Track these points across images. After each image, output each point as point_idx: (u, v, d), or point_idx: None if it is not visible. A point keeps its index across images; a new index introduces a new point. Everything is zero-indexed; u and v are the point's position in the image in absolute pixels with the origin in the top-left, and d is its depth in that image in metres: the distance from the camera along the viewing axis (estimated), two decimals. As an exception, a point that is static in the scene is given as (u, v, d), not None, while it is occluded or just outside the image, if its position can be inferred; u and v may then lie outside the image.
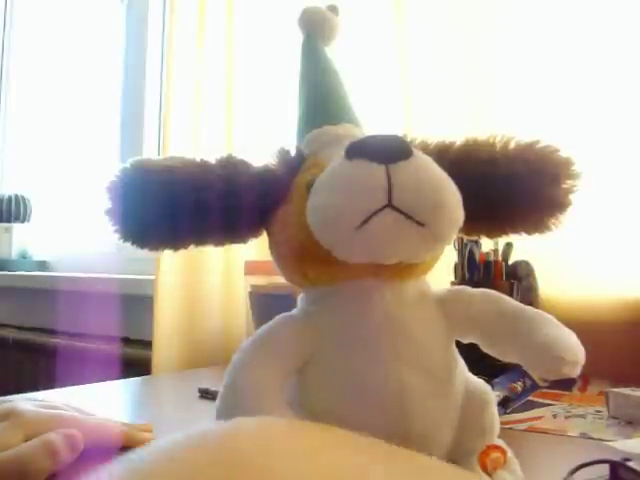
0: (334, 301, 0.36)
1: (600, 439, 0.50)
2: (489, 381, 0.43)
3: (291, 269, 0.38)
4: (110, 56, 1.63)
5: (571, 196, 0.38)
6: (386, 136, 0.34)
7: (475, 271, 0.78)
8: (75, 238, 1.65)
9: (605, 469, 0.38)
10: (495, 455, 0.37)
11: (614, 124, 0.78)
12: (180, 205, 0.36)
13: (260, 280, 0.84)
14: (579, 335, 0.34)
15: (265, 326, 0.37)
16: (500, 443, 0.38)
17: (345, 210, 0.32)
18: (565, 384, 0.70)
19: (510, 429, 0.55)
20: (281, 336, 0.36)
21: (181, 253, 0.41)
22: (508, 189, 0.38)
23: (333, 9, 0.45)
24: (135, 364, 1.12)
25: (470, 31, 0.89)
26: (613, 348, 0.70)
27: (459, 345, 0.38)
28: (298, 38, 0.45)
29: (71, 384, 0.78)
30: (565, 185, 0.38)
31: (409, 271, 0.36)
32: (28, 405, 0.46)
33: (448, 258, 0.79)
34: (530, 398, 0.66)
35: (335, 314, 0.36)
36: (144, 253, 0.40)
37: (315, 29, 0.44)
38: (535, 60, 0.84)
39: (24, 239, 1.72)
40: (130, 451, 0.21)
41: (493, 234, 0.42)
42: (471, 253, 0.78)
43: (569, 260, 0.79)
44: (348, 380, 0.34)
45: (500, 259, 0.78)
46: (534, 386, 0.68)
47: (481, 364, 0.42)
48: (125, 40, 1.56)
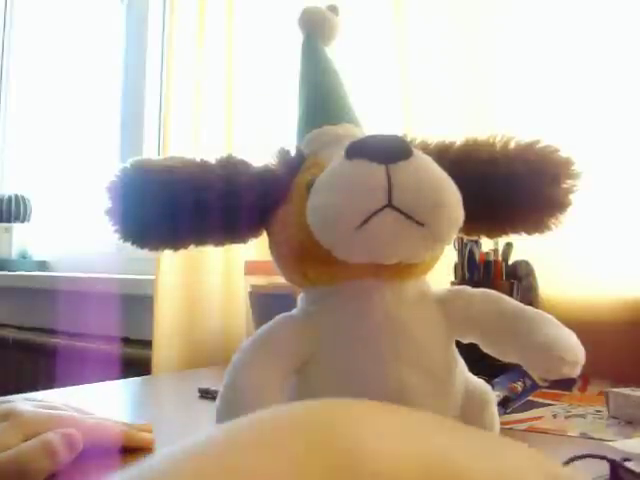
0: (334, 301, 0.36)
1: (600, 439, 0.50)
2: (489, 381, 0.43)
3: (291, 269, 0.38)
4: (110, 56, 1.63)
5: (571, 196, 0.38)
6: (386, 136, 0.34)
7: (475, 271, 0.78)
8: (75, 238, 1.65)
9: (605, 469, 0.38)
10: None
11: (614, 124, 0.78)
12: (180, 205, 0.36)
13: (260, 280, 0.84)
14: (579, 335, 0.34)
15: (265, 326, 0.37)
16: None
17: (345, 210, 0.32)
18: (565, 384, 0.70)
19: (510, 429, 0.55)
20: (281, 336, 0.36)
21: (181, 253, 0.41)
22: (508, 189, 0.38)
23: (333, 9, 0.45)
24: (135, 364, 1.12)
25: (470, 31, 0.89)
26: (613, 348, 0.70)
27: (459, 345, 0.38)
28: (298, 38, 0.45)
29: (71, 384, 0.78)
30: (565, 185, 0.38)
31: (409, 271, 0.36)
32: (27, 405, 0.46)
33: (448, 258, 0.79)
34: (530, 398, 0.66)
35: (335, 314, 0.36)
36: (144, 253, 0.40)
37: (315, 29, 0.44)
38: (535, 60, 0.84)
39: (24, 239, 1.72)
40: (150, 452, 0.19)
41: (493, 234, 0.42)
42: (471, 253, 0.78)
43: (569, 260, 0.79)
44: (348, 380, 0.34)
45: (500, 259, 0.78)
46: (534, 386, 0.68)
47: (481, 364, 0.42)
48: (125, 40, 1.56)
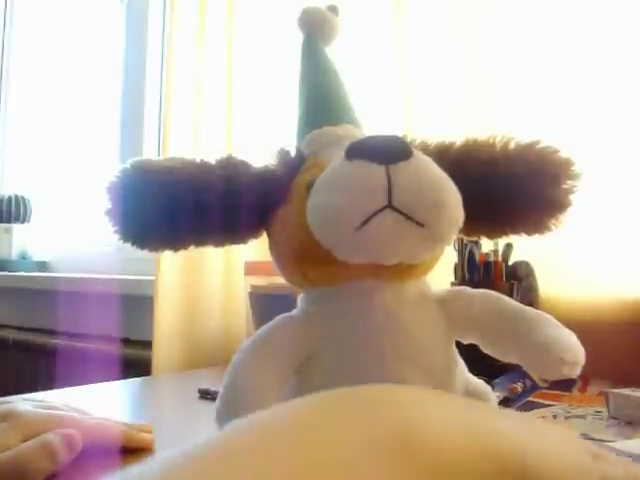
0: (334, 302, 0.36)
1: (600, 440, 0.50)
2: (489, 382, 0.43)
3: (291, 269, 0.38)
4: (110, 56, 1.63)
5: (571, 196, 0.38)
6: (386, 136, 0.34)
7: (475, 272, 0.78)
8: (75, 238, 1.65)
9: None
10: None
11: (614, 124, 0.78)
12: (180, 205, 0.36)
13: (260, 280, 0.84)
14: (579, 335, 0.34)
15: (265, 326, 0.37)
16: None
17: (345, 210, 0.32)
18: (565, 385, 0.70)
19: (510, 429, 0.55)
20: (281, 337, 0.36)
21: (181, 254, 0.41)
22: (508, 189, 0.38)
23: (333, 9, 0.45)
24: (135, 364, 1.12)
25: (470, 31, 0.89)
26: (613, 348, 0.70)
27: (459, 345, 0.38)
28: (298, 38, 0.45)
29: (71, 385, 0.78)
30: (565, 185, 0.38)
31: (409, 271, 0.36)
32: (26, 406, 0.45)
33: (448, 258, 0.79)
34: (530, 399, 0.66)
35: (335, 314, 0.36)
36: (144, 253, 0.40)
37: (315, 29, 0.44)
38: (535, 60, 0.84)
39: (24, 239, 1.72)
40: (143, 452, 0.20)
41: (493, 235, 0.42)
42: (471, 254, 0.78)
43: (569, 260, 0.79)
44: (348, 380, 0.34)
45: (500, 260, 0.78)
46: (534, 387, 0.68)
47: (481, 365, 0.42)
48: (125, 40, 1.56)
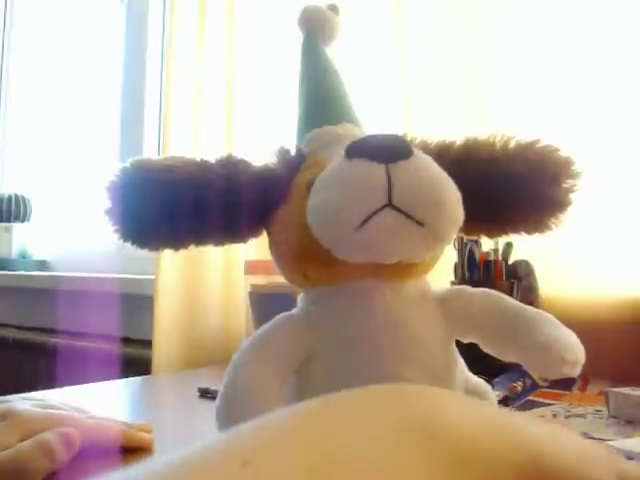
0: (334, 301, 0.36)
1: (600, 439, 0.50)
2: (489, 381, 0.43)
3: (291, 269, 0.38)
4: (110, 56, 1.63)
5: (571, 196, 0.38)
6: (386, 136, 0.34)
7: (475, 271, 0.78)
8: (75, 238, 1.65)
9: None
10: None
11: (614, 124, 0.78)
12: (180, 204, 0.36)
13: (260, 280, 0.84)
14: (579, 335, 0.34)
15: (265, 326, 0.37)
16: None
17: (345, 209, 0.32)
18: (565, 384, 0.70)
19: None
20: (281, 336, 0.36)
21: (181, 253, 0.41)
22: (508, 188, 0.38)
23: (333, 9, 0.45)
24: (135, 364, 1.12)
25: (470, 31, 0.89)
26: (613, 348, 0.70)
27: (459, 345, 0.38)
28: (298, 38, 0.45)
29: (71, 384, 0.78)
30: (565, 185, 0.38)
31: (409, 271, 0.36)
32: (25, 405, 0.45)
33: (448, 258, 0.78)
34: (530, 398, 0.66)
35: (335, 314, 0.36)
36: (144, 253, 0.40)
37: (315, 29, 0.44)
38: (535, 60, 0.84)
39: (24, 239, 1.72)
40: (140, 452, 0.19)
41: (493, 234, 0.42)
42: (471, 253, 0.78)
43: (569, 260, 0.79)
44: (348, 379, 0.34)
45: (500, 259, 0.78)
46: (534, 386, 0.68)
47: (481, 364, 0.42)
48: (125, 40, 1.56)
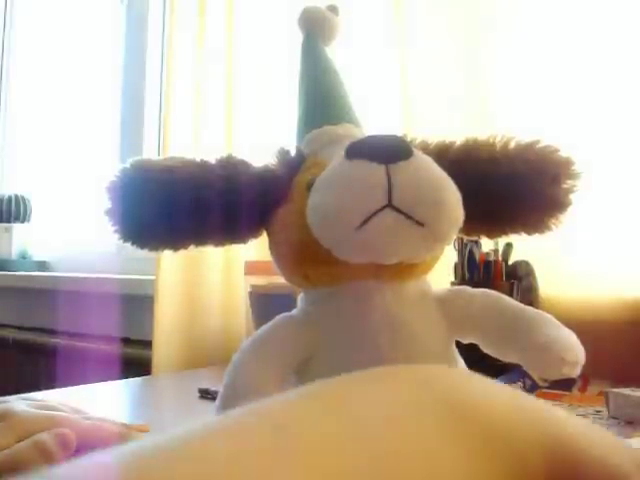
0: (334, 301, 0.36)
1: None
2: (489, 381, 0.43)
3: (291, 269, 0.38)
4: (110, 56, 1.63)
5: (571, 196, 0.38)
6: (386, 136, 0.34)
7: (475, 271, 0.78)
8: (75, 238, 1.64)
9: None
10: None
11: (614, 124, 0.78)
12: (180, 205, 0.36)
13: (260, 280, 0.84)
14: (579, 335, 0.34)
15: (265, 326, 0.37)
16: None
17: (345, 210, 0.32)
18: (565, 384, 0.70)
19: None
20: (281, 336, 0.36)
21: (181, 253, 0.41)
22: (508, 189, 0.38)
23: (333, 9, 0.45)
24: (135, 364, 1.12)
25: (470, 31, 0.89)
26: (613, 348, 0.70)
27: (459, 345, 0.38)
28: (298, 38, 0.45)
29: (71, 384, 0.78)
30: (565, 185, 0.38)
31: (409, 271, 0.36)
32: (23, 406, 0.45)
33: (448, 258, 0.78)
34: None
35: (335, 314, 0.36)
36: (144, 253, 0.40)
37: (315, 29, 0.44)
38: (535, 60, 0.84)
39: (24, 239, 1.72)
40: None
41: (493, 234, 0.42)
42: (471, 253, 0.78)
43: (569, 260, 0.79)
44: (348, 380, 0.34)
45: (500, 259, 0.78)
46: (534, 386, 0.68)
47: (481, 364, 0.41)
48: (125, 40, 1.56)
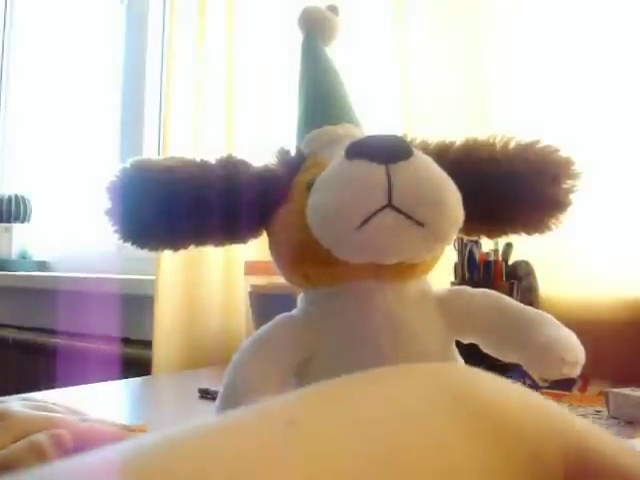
0: (334, 301, 0.36)
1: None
2: (489, 381, 0.43)
3: (291, 269, 0.38)
4: (110, 56, 1.63)
5: (571, 196, 0.38)
6: (386, 136, 0.34)
7: (475, 271, 0.78)
8: (75, 238, 1.65)
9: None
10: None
11: (614, 124, 0.78)
12: (180, 205, 0.36)
13: (260, 280, 0.84)
14: (579, 335, 0.34)
15: (265, 326, 0.37)
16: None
17: (345, 210, 0.32)
18: (565, 384, 0.70)
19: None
20: (281, 336, 0.36)
21: (181, 253, 0.41)
22: (508, 189, 0.38)
23: (333, 9, 0.45)
24: (135, 364, 1.12)
25: (470, 31, 0.89)
26: (613, 348, 0.70)
27: (459, 345, 0.38)
28: (298, 38, 0.45)
29: (71, 384, 0.78)
30: (565, 185, 0.38)
31: (409, 271, 0.36)
32: (19, 407, 0.45)
33: (448, 258, 0.79)
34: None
35: (335, 314, 0.36)
36: (144, 253, 0.40)
37: (315, 29, 0.44)
38: (535, 60, 0.84)
39: (24, 239, 1.72)
40: None
41: (493, 234, 0.42)
42: (471, 253, 0.78)
43: (569, 260, 0.79)
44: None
45: (500, 259, 0.78)
46: (534, 386, 0.68)
47: (481, 364, 0.42)
48: (125, 40, 1.56)
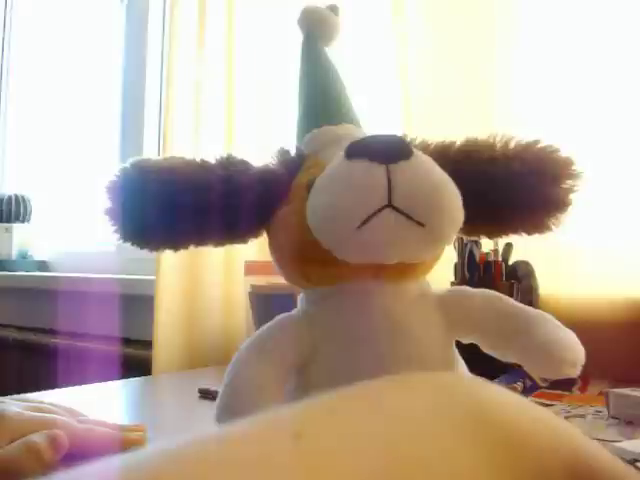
0: (334, 301, 0.36)
1: (603, 439, 0.50)
2: (489, 382, 0.43)
3: (291, 269, 0.38)
4: (110, 56, 1.63)
5: (571, 196, 0.38)
6: (386, 136, 0.34)
7: (475, 271, 0.78)
8: (75, 238, 1.65)
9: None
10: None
11: (614, 124, 0.78)
12: (180, 205, 0.36)
13: (260, 280, 0.84)
14: (579, 335, 0.34)
15: (265, 326, 0.37)
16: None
17: (345, 210, 0.32)
18: (565, 384, 0.70)
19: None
20: (281, 336, 0.36)
21: (181, 253, 0.41)
22: (508, 189, 0.38)
23: (333, 9, 0.45)
24: (135, 364, 1.12)
25: (470, 31, 0.89)
26: (613, 348, 0.70)
27: (459, 345, 0.38)
28: (298, 38, 0.45)
29: (71, 384, 0.78)
30: (565, 185, 0.38)
31: (409, 271, 0.36)
32: (17, 407, 0.45)
33: (448, 258, 0.78)
34: (530, 398, 0.66)
35: (335, 314, 0.36)
36: (144, 253, 0.40)
37: (315, 29, 0.44)
38: (535, 60, 0.84)
39: (24, 239, 1.72)
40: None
41: (493, 234, 0.42)
42: (471, 253, 0.78)
43: (569, 260, 0.79)
44: (348, 380, 0.34)
45: (500, 259, 0.78)
46: (534, 386, 0.68)
47: (481, 364, 0.42)
48: (125, 40, 1.56)
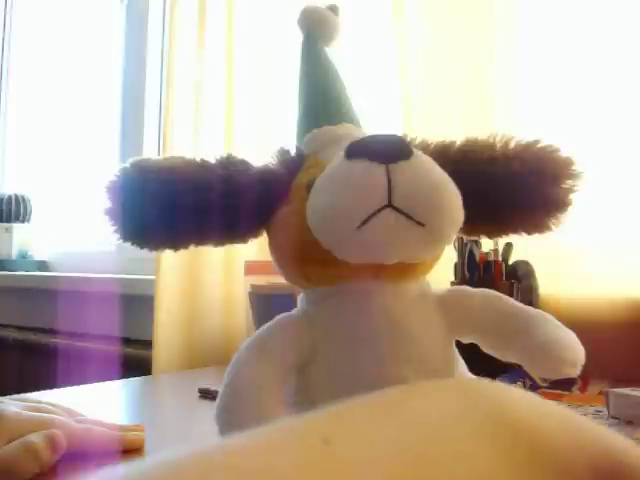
0: (334, 301, 0.36)
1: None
2: (489, 381, 0.43)
3: (291, 269, 0.38)
4: (110, 56, 1.63)
5: (571, 196, 0.38)
6: (386, 136, 0.34)
7: (475, 271, 0.78)
8: (75, 238, 1.65)
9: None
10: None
11: (614, 124, 0.78)
12: (180, 205, 0.36)
13: (260, 280, 0.84)
14: (579, 335, 0.34)
15: (265, 326, 0.37)
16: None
17: (345, 210, 0.32)
18: (565, 384, 0.70)
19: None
20: (281, 336, 0.36)
21: (181, 253, 0.41)
22: (508, 189, 0.38)
23: (333, 9, 0.45)
24: (135, 364, 1.12)
25: (470, 31, 0.89)
26: (613, 348, 0.70)
27: (459, 345, 0.38)
28: (298, 38, 0.45)
29: (71, 384, 0.78)
30: (565, 185, 0.38)
31: (409, 271, 0.36)
32: (15, 407, 0.45)
33: (448, 258, 0.78)
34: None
35: (335, 314, 0.36)
36: (144, 253, 0.40)
37: (315, 29, 0.44)
38: (535, 60, 0.84)
39: (24, 239, 1.72)
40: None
41: (493, 234, 0.42)
42: (471, 253, 0.78)
43: (569, 260, 0.79)
44: (349, 380, 0.34)
45: (500, 259, 0.78)
46: (534, 386, 0.68)
47: (481, 364, 0.42)
48: (125, 40, 1.56)
